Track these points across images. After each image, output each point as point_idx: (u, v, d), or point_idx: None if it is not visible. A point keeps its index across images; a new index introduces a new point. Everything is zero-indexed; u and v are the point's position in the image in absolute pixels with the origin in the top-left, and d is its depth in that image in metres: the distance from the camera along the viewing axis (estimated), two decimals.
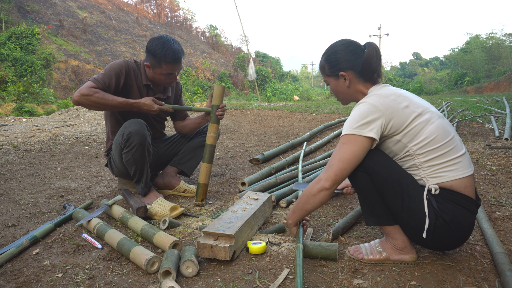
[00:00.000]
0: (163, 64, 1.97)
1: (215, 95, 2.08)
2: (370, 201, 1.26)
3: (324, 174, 1.23)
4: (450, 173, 1.19)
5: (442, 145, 1.19)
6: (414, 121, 1.20)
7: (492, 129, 4.60)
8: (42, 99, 15.98)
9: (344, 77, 1.35)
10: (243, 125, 6.19)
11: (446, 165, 1.19)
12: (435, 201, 1.18)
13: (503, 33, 31.19)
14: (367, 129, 1.19)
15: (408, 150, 1.22)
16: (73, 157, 3.68)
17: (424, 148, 1.20)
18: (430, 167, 1.20)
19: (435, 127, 1.20)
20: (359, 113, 1.22)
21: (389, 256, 1.29)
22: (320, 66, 1.43)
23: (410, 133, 1.21)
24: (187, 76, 29.16)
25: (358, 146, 1.20)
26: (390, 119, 1.20)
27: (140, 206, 1.78)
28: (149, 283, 1.22)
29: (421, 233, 1.19)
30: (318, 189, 1.24)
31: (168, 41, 1.98)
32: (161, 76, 2.03)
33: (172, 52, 1.96)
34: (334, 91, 1.42)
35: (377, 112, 1.20)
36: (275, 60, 42.47)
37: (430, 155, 1.19)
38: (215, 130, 2.06)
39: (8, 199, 2.22)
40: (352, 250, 1.37)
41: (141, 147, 1.88)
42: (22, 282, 1.25)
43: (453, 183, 1.19)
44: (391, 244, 1.29)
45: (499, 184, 2.26)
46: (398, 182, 1.20)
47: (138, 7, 42.56)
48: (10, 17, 25.60)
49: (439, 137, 1.20)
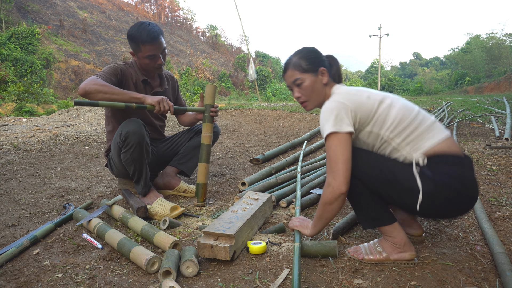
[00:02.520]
0: (141, 46, 1.98)
1: (207, 95, 2.09)
2: (362, 206, 1.29)
3: (334, 181, 1.22)
4: (428, 141, 1.22)
5: (410, 122, 1.24)
6: (378, 109, 1.26)
7: (492, 129, 4.60)
8: (42, 99, 15.99)
9: (323, 73, 1.37)
10: (243, 125, 6.19)
11: (422, 137, 1.22)
12: (427, 169, 1.19)
13: (503, 33, 31.23)
14: (344, 125, 1.23)
15: (382, 137, 1.26)
16: (73, 157, 3.68)
17: (395, 130, 1.24)
18: (408, 144, 1.23)
19: (398, 108, 1.26)
20: (331, 111, 1.25)
21: (389, 255, 1.29)
22: (291, 64, 1.41)
23: (378, 121, 1.26)
24: (187, 76, 29.17)
25: (346, 142, 1.22)
26: (357, 112, 1.26)
27: (140, 206, 1.78)
28: (149, 283, 1.22)
29: (432, 208, 1.18)
30: (336, 196, 1.23)
31: (143, 23, 2.00)
32: (145, 60, 2.03)
33: (147, 31, 1.96)
34: (310, 89, 1.39)
35: (345, 107, 1.25)
36: (275, 60, 42.50)
37: (403, 134, 1.23)
38: (210, 130, 2.07)
39: (9, 199, 2.22)
40: (352, 251, 1.36)
41: (139, 146, 1.88)
42: (22, 282, 1.25)
43: (435, 149, 1.21)
44: (390, 243, 1.29)
45: (500, 184, 2.26)
46: (390, 171, 1.21)
47: (138, 7, 42.59)
48: (11, 17, 25.62)
49: (405, 116, 1.25)
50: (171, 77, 2.39)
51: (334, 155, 1.22)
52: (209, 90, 2.11)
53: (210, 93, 2.10)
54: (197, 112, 2.20)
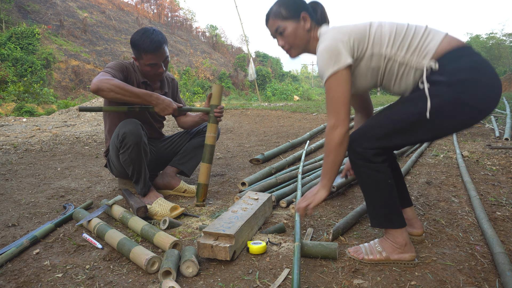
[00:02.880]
0: (143, 55, 1.98)
1: (213, 95, 2.07)
2: (376, 200, 1.26)
3: (336, 121, 1.22)
4: (431, 44, 1.20)
5: (406, 32, 1.22)
6: (370, 29, 1.25)
7: (492, 129, 4.60)
8: (42, 99, 15.99)
9: (305, 18, 1.36)
10: (243, 125, 6.19)
11: (424, 42, 1.20)
12: (439, 75, 1.15)
13: (503, 33, 31.26)
14: (341, 58, 1.21)
15: (385, 56, 1.24)
16: (73, 157, 3.68)
17: (396, 44, 1.22)
18: (413, 53, 1.21)
19: (389, 25, 1.25)
20: (326, 51, 1.22)
21: (389, 255, 1.28)
22: (271, 13, 1.39)
23: (375, 41, 1.24)
24: (187, 76, 29.17)
25: (345, 81, 1.21)
26: (351, 37, 1.24)
27: (140, 206, 1.78)
28: (149, 283, 1.22)
29: (454, 114, 1.13)
30: (343, 134, 1.22)
31: (147, 31, 1.98)
32: (146, 68, 2.03)
33: (150, 41, 1.94)
34: (292, 36, 1.36)
35: (339, 39, 1.23)
36: (275, 60, 42.47)
37: (405, 45, 1.22)
38: (214, 130, 2.05)
39: (8, 199, 2.22)
40: (352, 251, 1.36)
41: (137, 147, 1.87)
42: (22, 282, 1.25)
43: (439, 49, 1.18)
44: (390, 243, 1.29)
45: (499, 184, 2.26)
46: (400, 115, 1.19)
47: (138, 7, 42.58)
48: (11, 17, 25.62)
49: (399, 28, 1.23)
50: (171, 79, 2.37)
51: (336, 96, 1.21)
52: (216, 90, 2.08)
53: (217, 94, 2.07)
54: (202, 112, 2.17)
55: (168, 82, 2.33)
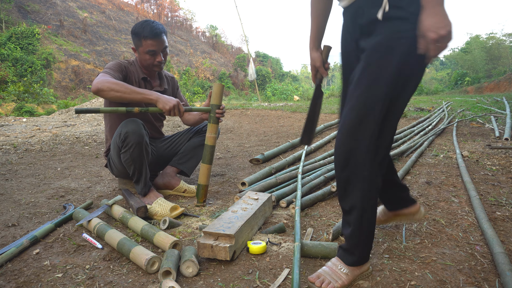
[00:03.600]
0: (143, 41, 2.02)
1: (214, 94, 2.03)
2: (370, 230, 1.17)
3: None
4: None
5: None
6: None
7: (492, 129, 4.60)
8: (42, 99, 16.00)
9: None
10: (243, 125, 6.19)
11: None
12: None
13: (503, 33, 31.27)
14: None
15: None
16: (73, 157, 3.68)
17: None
18: None
19: None
20: None
21: (353, 272, 1.18)
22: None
23: None
24: (187, 76, 29.18)
25: None
26: None
27: (140, 206, 1.78)
28: (149, 283, 1.22)
29: None
30: None
31: (148, 21, 2.06)
32: (145, 56, 2.06)
33: (150, 27, 2.01)
34: None
35: None
36: (275, 60, 42.49)
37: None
38: (214, 131, 2.03)
39: (8, 199, 2.22)
40: (316, 281, 1.15)
41: (139, 146, 1.87)
42: (22, 282, 1.25)
43: None
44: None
45: (499, 184, 2.26)
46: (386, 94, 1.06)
47: (138, 7, 42.59)
48: (11, 17, 25.62)
49: None
50: (171, 77, 2.39)
51: None
52: (216, 89, 2.03)
53: (217, 93, 2.02)
54: (203, 112, 2.14)
55: (168, 80, 2.34)
